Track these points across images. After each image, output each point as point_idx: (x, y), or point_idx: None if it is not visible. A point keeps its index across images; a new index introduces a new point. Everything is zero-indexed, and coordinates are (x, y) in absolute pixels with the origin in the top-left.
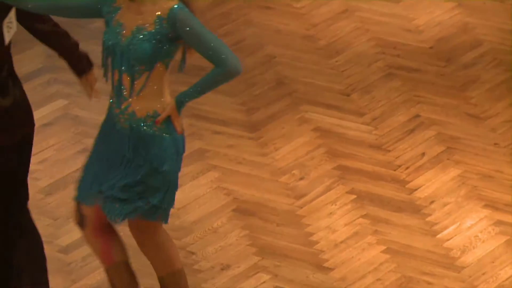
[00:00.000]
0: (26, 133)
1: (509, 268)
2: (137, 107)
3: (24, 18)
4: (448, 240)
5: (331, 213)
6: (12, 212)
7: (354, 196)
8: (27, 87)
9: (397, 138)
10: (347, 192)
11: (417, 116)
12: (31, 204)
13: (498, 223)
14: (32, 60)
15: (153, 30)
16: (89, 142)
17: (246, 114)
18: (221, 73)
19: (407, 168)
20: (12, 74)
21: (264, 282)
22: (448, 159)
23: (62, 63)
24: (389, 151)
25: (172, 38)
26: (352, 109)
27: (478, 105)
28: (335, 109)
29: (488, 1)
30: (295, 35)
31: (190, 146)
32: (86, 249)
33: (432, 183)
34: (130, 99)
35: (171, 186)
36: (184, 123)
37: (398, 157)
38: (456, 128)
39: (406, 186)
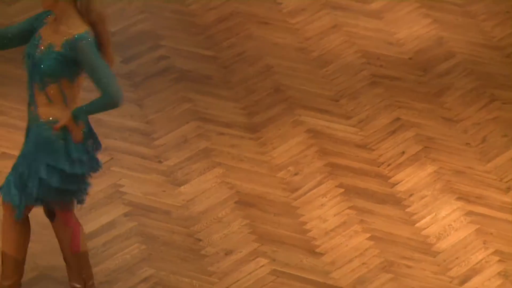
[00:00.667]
0: None
1: (479, 253)
2: (41, 112)
3: None
4: (425, 228)
5: (322, 204)
6: None
7: (342, 190)
8: None
9: (380, 139)
10: (336, 186)
11: (398, 119)
12: None
13: (470, 213)
14: None
15: (60, 51)
16: (108, 142)
17: (247, 117)
18: (103, 103)
19: (389, 165)
20: None
21: (263, 265)
22: (425, 157)
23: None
24: (373, 150)
25: (76, 60)
26: (341, 113)
27: (451, 110)
28: (326, 113)
29: (460, 18)
30: (290, 47)
31: (198, 145)
32: (105, 237)
33: (411, 178)
34: (37, 104)
35: (67, 182)
36: (192, 125)
37: (381, 155)
38: (432, 129)
39: (388, 181)
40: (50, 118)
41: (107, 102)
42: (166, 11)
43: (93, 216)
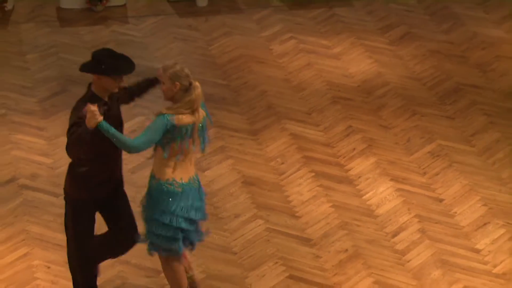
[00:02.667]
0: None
1: (404, 216)
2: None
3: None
4: (368, 200)
5: (299, 184)
6: None
7: (313, 174)
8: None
9: (339, 139)
10: (309, 171)
11: (350, 126)
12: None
13: (398, 190)
14: None
15: None
16: None
17: (249, 125)
18: (123, 141)
19: (344, 157)
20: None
21: (260, 225)
22: (368, 152)
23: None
24: (334, 147)
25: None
26: (312, 122)
27: (386, 120)
28: (302, 122)
29: (392, 59)
30: (278, 78)
31: (216, 144)
32: None
33: (359, 166)
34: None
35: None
36: (213, 131)
37: (339, 151)
38: (373, 134)
39: (344, 168)
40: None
41: (126, 144)
42: (195, 55)
43: None
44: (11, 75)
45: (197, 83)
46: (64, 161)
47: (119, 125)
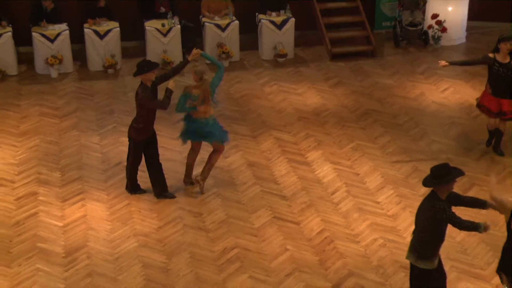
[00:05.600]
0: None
1: (339, 184)
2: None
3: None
4: (318, 174)
5: (280, 165)
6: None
7: (287, 159)
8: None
9: (301, 140)
10: (285, 158)
11: (308, 133)
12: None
13: (335, 168)
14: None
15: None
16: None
17: (251, 132)
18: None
19: (305, 150)
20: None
21: (257, 188)
22: (318, 148)
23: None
24: (299, 145)
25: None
26: (287, 131)
27: (329, 130)
28: (281, 131)
29: (331, 96)
30: (267, 106)
31: (233, 143)
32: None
33: (312, 156)
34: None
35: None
36: (231, 136)
37: (302, 147)
38: (321, 137)
39: (304, 156)
40: (207, 116)
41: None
42: (221, 93)
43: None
44: (119, 105)
45: (206, 77)
46: None
47: (157, 96)
